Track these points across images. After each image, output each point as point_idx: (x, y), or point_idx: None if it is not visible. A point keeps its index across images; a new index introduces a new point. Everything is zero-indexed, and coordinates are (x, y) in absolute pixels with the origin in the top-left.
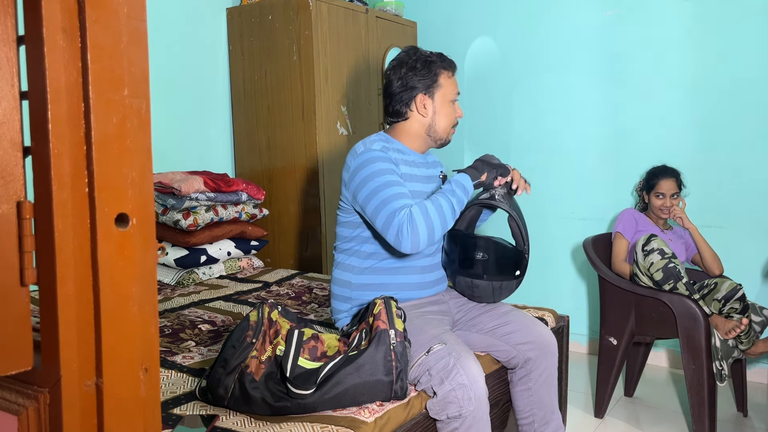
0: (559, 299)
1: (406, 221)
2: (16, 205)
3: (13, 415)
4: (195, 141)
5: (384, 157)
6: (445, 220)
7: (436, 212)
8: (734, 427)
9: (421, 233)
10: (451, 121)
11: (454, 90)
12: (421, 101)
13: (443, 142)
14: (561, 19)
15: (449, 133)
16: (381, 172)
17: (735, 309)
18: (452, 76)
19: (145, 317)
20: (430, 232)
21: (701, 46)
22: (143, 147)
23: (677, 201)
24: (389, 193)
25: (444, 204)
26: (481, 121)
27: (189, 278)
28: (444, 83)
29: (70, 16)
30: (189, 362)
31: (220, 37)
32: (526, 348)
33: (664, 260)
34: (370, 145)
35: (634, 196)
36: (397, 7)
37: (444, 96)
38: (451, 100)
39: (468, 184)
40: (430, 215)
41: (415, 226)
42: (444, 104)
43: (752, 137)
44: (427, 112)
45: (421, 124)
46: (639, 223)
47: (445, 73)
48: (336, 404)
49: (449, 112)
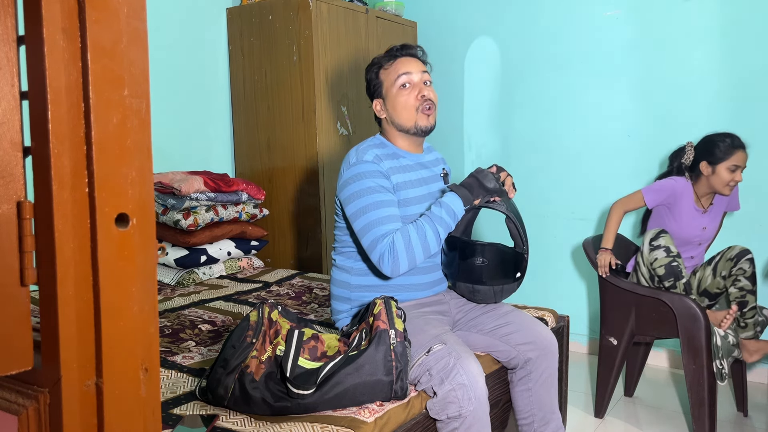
0: (559, 299)
1: (387, 250)
2: (16, 205)
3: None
4: (195, 141)
5: (374, 172)
6: (428, 247)
7: (418, 240)
8: (734, 427)
9: (401, 262)
10: (408, 106)
11: (395, 74)
12: (377, 105)
13: (417, 130)
14: (561, 19)
15: (417, 118)
16: (369, 190)
17: (744, 271)
18: (392, 63)
19: (145, 317)
20: (411, 260)
21: (702, 46)
22: (143, 147)
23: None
24: (375, 216)
25: (429, 232)
26: (481, 121)
27: (189, 278)
28: (384, 77)
29: (70, 16)
30: (189, 362)
31: (220, 37)
32: (527, 348)
33: (669, 258)
34: (363, 155)
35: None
36: (397, 7)
37: (388, 89)
38: (397, 86)
39: (459, 210)
40: (412, 244)
41: (395, 256)
42: (392, 97)
43: (753, 137)
44: (384, 111)
45: (388, 124)
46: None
47: (383, 68)
48: (336, 404)
49: (402, 101)
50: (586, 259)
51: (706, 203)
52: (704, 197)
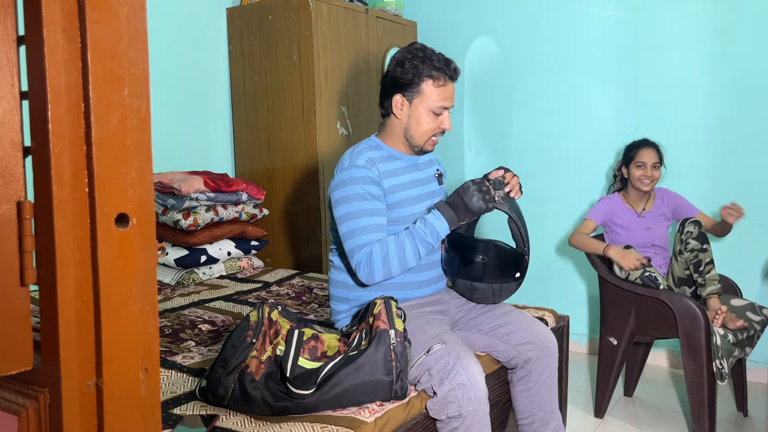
0: (559, 299)
1: (365, 260)
2: (16, 205)
3: (13, 415)
4: (195, 141)
5: (364, 178)
6: (406, 263)
7: (396, 255)
8: (734, 427)
9: (376, 273)
10: (429, 131)
11: (439, 101)
12: (399, 102)
13: (419, 150)
14: (561, 19)
15: (427, 142)
16: (357, 197)
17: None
18: (443, 86)
19: (145, 317)
20: (387, 272)
21: (702, 46)
22: (143, 147)
23: (658, 172)
24: (358, 225)
25: (408, 249)
26: (481, 121)
27: (189, 278)
28: (427, 91)
29: (70, 16)
30: (189, 362)
31: (220, 37)
32: (527, 348)
33: (639, 270)
34: (355, 159)
35: (608, 178)
36: (397, 7)
37: (424, 104)
38: (431, 110)
39: (443, 230)
40: (389, 259)
41: (371, 267)
42: (423, 112)
43: (753, 137)
44: (402, 114)
45: (398, 124)
46: (615, 212)
47: (432, 82)
48: (336, 404)
49: (428, 122)
50: (586, 259)
51: (639, 206)
52: (637, 202)
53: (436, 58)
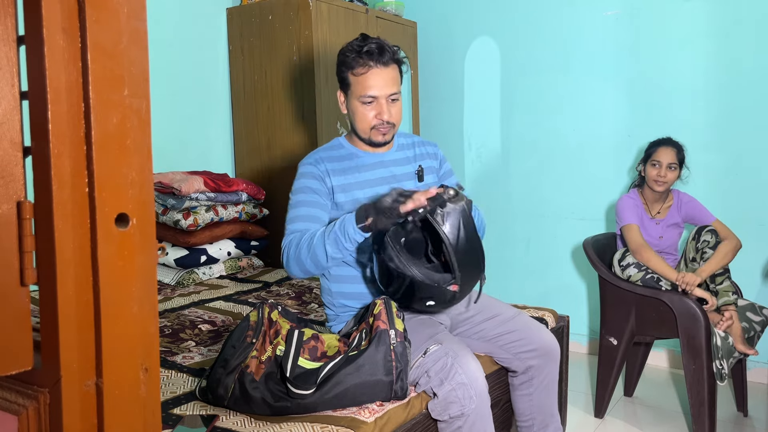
0: (559, 299)
1: (285, 248)
2: (16, 205)
3: (13, 415)
4: (195, 141)
5: (309, 173)
6: (317, 260)
7: (306, 251)
8: (734, 427)
9: (291, 264)
10: (368, 122)
11: (362, 90)
12: (341, 100)
13: (369, 143)
14: (561, 18)
15: (371, 134)
16: (300, 190)
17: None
18: (363, 74)
19: (145, 317)
20: (300, 264)
21: (702, 46)
22: (143, 147)
23: (675, 174)
24: (293, 214)
25: (317, 245)
26: (481, 121)
27: (189, 278)
28: (352, 82)
29: (70, 16)
30: (189, 362)
31: (220, 37)
32: (529, 356)
33: (641, 272)
34: (309, 157)
35: (631, 175)
36: (397, 7)
37: (354, 96)
38: (361, 101)
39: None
40: (300, 248)
41: (288, 256)
42: (356, 105)
43: (754, 136)
44: (346, 110)
45: (349, 121)
46: (639, 206)
47: (350, 72)
48: (336, 404)
49: (362, 113)
50: (586, 259)
51: (655, 208)
52: (653, 203)
53: (352, 47)
